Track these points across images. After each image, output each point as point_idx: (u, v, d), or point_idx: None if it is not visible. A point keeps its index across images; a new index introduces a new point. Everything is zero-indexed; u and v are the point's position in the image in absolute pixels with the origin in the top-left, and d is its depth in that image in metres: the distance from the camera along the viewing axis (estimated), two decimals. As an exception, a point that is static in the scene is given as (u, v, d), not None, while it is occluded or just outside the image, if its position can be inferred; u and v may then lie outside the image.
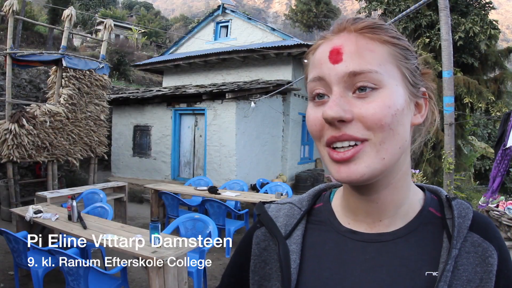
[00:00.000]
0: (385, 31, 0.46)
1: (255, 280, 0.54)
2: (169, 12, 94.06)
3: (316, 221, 0.55)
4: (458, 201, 0.49)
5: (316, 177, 8.48)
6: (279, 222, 0.55)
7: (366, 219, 0.50)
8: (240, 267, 0.57)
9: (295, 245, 0.52)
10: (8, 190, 5.37)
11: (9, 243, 2.77)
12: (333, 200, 0.56)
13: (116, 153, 8.44)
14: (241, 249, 0.59)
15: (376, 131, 0.42)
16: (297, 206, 0.57)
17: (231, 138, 6.74)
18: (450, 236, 0.46)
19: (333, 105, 0.42)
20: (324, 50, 0.46)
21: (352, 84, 0.43)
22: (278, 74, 8.46)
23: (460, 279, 0.43)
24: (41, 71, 8.53)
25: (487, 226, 0.48)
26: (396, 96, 0.44)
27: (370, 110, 0.42)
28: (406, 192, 0.50)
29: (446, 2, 3.75)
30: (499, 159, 3.87)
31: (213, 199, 4.33)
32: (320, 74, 0.45)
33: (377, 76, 0.43)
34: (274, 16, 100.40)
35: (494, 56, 8.76)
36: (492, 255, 0.45)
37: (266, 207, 0.59)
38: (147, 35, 27.09)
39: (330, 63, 0.44)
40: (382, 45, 0.45)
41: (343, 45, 0.44)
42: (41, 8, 19.59)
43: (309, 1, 27.49)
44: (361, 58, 0.43)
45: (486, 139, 15.32)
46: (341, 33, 0.46)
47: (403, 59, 0.46)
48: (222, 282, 0.62)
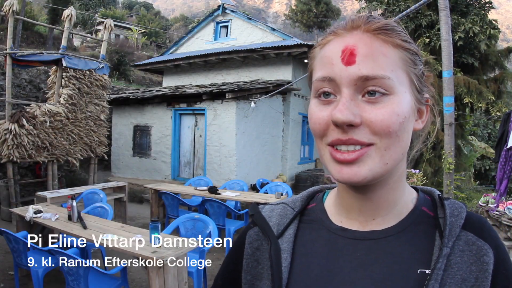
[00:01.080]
0: (397, 33, 0.45)
1: (247, 279, 0.54)
2: (169, 12, 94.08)
3: (308, 220, 0.55)
4: (451, 201, 0.49)
5: (316, 177, 8.47)
6: (272, 221, 0.55)
7: (359, 218, 0.50)
8: (233, 267, 0.58)
9: (287, 243, 0.52)
10: (8, 190, 5.37)
11: (9, 243, 2.77)
12: (326, 200, 0.57)
13: (116, 153, 8.44)
14: (235, 249, 0.59)
15: (383, 137, 0.42)
16: (290, 206, 0.57)
17: (231, 138, 6.74)
18: (442, 234, 0.45)
19: (343, 109, 0.42)
20: (335, 47, 0.44)
21: (363, 88, 0.43)
22: (278, 74, 8.46)
23: (454, 278, 0.43)
24: (41, 71, 8.53)
25: (482, 225, 0.48)
26: (405, 103, 0.44)
27: (379, 116, 0.42)
28: (401, 192, 0.50)
29: (446, 2, 3.75)
30: (503, 161, 3.85)
31: (213, 199, 4.33)
32: (331, 74, 0.44)
33: (389, 82, 0.42)
34: (274, 16, 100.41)
35: (494, 56, 8.76)
36: (487, 254, 0.44)
37: (260, 207, 0.59)
38: (147, 35, 27.10)
39: (342, 64, 0.43)
40: (394, 49, 0.44)
41: (356, 45, 0.43)
42: (41, 8, 19.59)
43: (309, 1, 27.48)
44: (375, 62, 0.42)
45: (486, 139, 15.32)
46: (354, 31, 0.45)
47: (412, 64, 0.46)
48: (215, 283, 0.62)
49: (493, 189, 11.37)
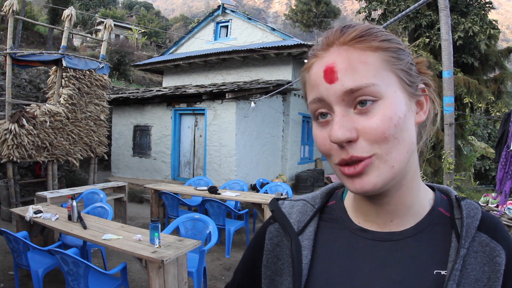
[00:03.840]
0: (374, 36, 0.45)
1: (267, 274, 0.55)
2: (169, 12, 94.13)
3: (328, 218, 0.56)
4: (467, 201, 0.50)
5: (316, 177, 8.47)
6: (292, 218, 0.56)
7: (377, 220, 0.51)
8: (252, 262, 0.59)
9: (307, 241, 0.53)
10: (8, 190, 5.37)
11: (9, 243, 2.77)
12: (346, 199, 0.57)
13: (116, 153, 8.44)
14: (254, 244, 0.60)
15: (381, 143, 0.43)
16: (310, 203, 0.58)
17: (231, 138, 6.74)
18: (458, 235, 0.46)
19: (338, 128, 0.43)
20: (318, 69, 0.46)
21: (352, 100, 0.43)
22: (278, 74, 8.46)
23: (468, 278, 0.44)
24: (41, 71, 8.54)
25: (496, 226, 0.49)
26: (396, 103, 0.44)
27: (373, 125, 0.42)
28: (417, 191, 0.50)
29: (446, 2, 3.75)
30: (503, 161, 3.84)
31: (213, 199, 4.33)
32: (319, 95, 0.45)
33: (375, 88, 0.43)
34: (274, 16, 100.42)
35: (494, 56, 8.76)
36: (500, 255, 0.45)
37: (280, 203, 0.60)
38: (147, 35, 27.09)
39: (326, 83, 0.44)
40: (373, 53, 0.44)
41: (335, 62, 0.44)
42: (41, 8, 19.58)
43: (309, 1, 27.49)
44: (355, 73, 0.43)
45: (486, 139, 15.33)
46: (330, 48, 0.45)
47: (396, 61, 0.45)
48: (234, 277, 0.63)
49: (493, 189, 11.36)
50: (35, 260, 2.78)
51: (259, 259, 0.57)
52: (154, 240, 2.43)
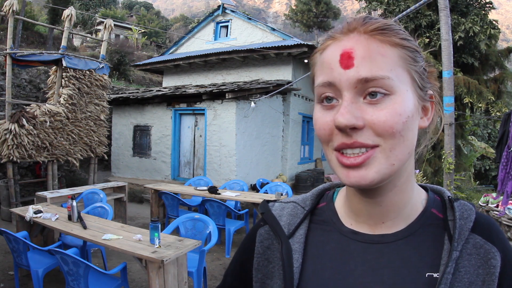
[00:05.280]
0: (395, 32, 0.45)
1: (258, 278, 0.54)
2: (169, 12, 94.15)
3: (319, 220, 0.55)
4: (460, 202, 0.49)
5: (316, 177, 8.47)
6: (283, 221, 0.55)
7: (368, 221, 0.50)
8: (243, 265, 0.58)
9: (298, 244, 0.52)
10: (8, 190, 5.37)
11: (9, 243, 2.77)
12: (336, 200, 0.56)
13: (116, 153, 8.44)
14: (245, 247, 0.59)
15: (387, 138, 0.42)
16: (301, 205, 0.57)
17: (231, 138, 6.74)
18: (451, 237, 0.45)
19: (345, 113, 0.42)
20: (333, 52, 0.45)
21: (363, 90, 0.43)
22: (278, 74, 8.46)
23: (461, 281, 0.43)
24: (41, 71, 8.53)
25: (491, 227, 0.48)
26: (407, 102, 0.43)
27: (382, 117, 0.42)
28: (410, 193, 0.49)
29: (446, 2, 3.74)
30: (504, 162, 3.83)
31: (213, 199, 4.33)
32: (331, 79, 0.44)
33: (389, 82, 0.42)
34: (274, 16, 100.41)
35: (494, 56, 8.76)
36: (494, 257, 0.44)
37: (270, 205, 0.59)
38: (147, 35, 27.09)
39: (341, 68, 0.43)
40: (392, 48, 0.44)
41: (354, 48, 0.43)
42: (41, 8, 19.57)
43: (309, 1, 27.48)
44: (373, 63, 0.42)
45: (486, 139, 15.33)
46: (351, 33, 0.45)
47: (413, 62, 0.45)
48: (225, 280, 0.62)
49: (493, 189, 11.37)
50: (35, 260, 2.78)
51: (250, 261, 0.56)
52: (154, 240, 2.43)
